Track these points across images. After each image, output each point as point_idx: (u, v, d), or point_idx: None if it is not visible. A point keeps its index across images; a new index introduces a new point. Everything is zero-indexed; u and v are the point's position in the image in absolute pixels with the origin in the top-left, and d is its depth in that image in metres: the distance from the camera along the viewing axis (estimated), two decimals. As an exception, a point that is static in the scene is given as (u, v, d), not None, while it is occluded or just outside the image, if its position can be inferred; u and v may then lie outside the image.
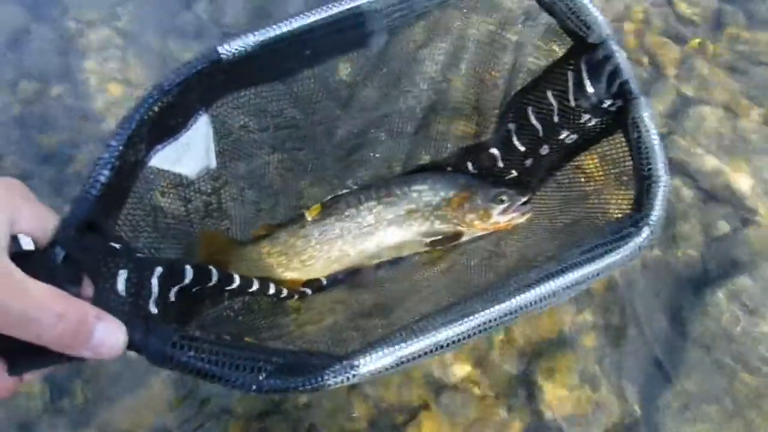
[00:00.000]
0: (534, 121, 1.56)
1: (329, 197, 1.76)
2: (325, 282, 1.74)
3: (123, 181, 1.01)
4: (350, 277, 1.74)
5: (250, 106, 1.31)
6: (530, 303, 1.02)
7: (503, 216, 1.66)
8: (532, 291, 1.02)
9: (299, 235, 1.70)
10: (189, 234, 1.40)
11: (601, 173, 1.43)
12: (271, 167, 1.56)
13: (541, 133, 1.54)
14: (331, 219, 1.71)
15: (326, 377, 0.91)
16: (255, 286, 1.44)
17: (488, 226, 1.68)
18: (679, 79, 2.36)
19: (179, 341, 0.86)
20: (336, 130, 1.55)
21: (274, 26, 1.10)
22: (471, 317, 0.99)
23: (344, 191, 1.78)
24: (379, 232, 1.70)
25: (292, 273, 1.68)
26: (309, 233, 1.70)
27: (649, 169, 1.18)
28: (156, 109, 1.00)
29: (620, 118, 1.28)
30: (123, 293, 0.88)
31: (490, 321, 0.99)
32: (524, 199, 1.65)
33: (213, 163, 1.32)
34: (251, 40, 1.09)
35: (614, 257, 1.10)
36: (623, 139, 1.31)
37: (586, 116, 1.36)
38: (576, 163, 1.51)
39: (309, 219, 1.71)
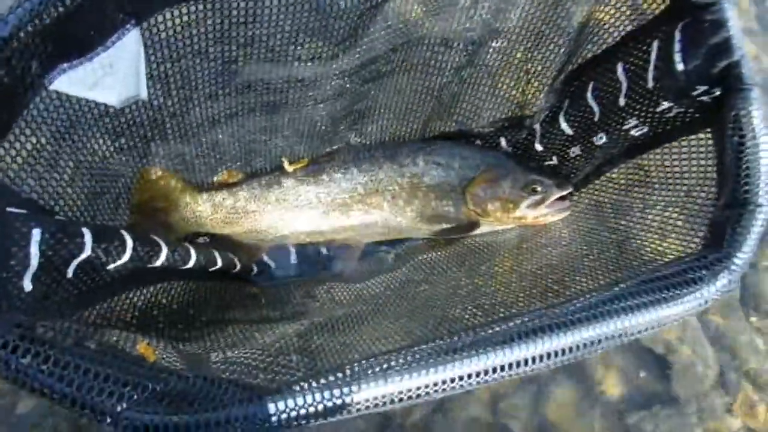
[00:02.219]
0: (591, 101, 1.20)
1: (323, 153, 1.44)
2: (294, 257, 1.44)
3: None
4: (329, 257, 1.44)
5: (208, 26, 0.99)
6: (529, 359, 0.71)
7: (532, 210, 1.32)
8: (539, 342, 0.71)
9: (272, 190, 1.38)
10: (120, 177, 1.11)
11: (670, 182, 1.08)
12: (243, 107, 1.23)
13: (597, 117, 1.20)
14: (317, 177, 1.39)
15: (220, 421, 0.63)
16: (195, 258, 1.14)
17: (511, 219, 1.35)
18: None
19: (17, 340, 0.62)
20: (335, 66, 1.21)
21: None
22: (453, 363, 0.69)
23: (340, 146, 1.46)
24: (373, 204, 1.39)
25: (254, 235, 1.39)
26: (285, 190, 1.38)
27: (746, 192, 0.84)
28: (52, 13, 0.73)
29: (715, 113, 0.93)
30: None
31: (470, 375, 0.69)
32: (563, 193, 1.31)
33: (143, 93, 1.01)
34: None
35: (671, 308, 0.78)
36: (711, 142, 0.96)
37: (667, 104, 1.01)
38: (640, 163, 1.15)
39: (289, 170, 1.40)
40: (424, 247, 1.45)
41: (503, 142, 1.45)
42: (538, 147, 1.39)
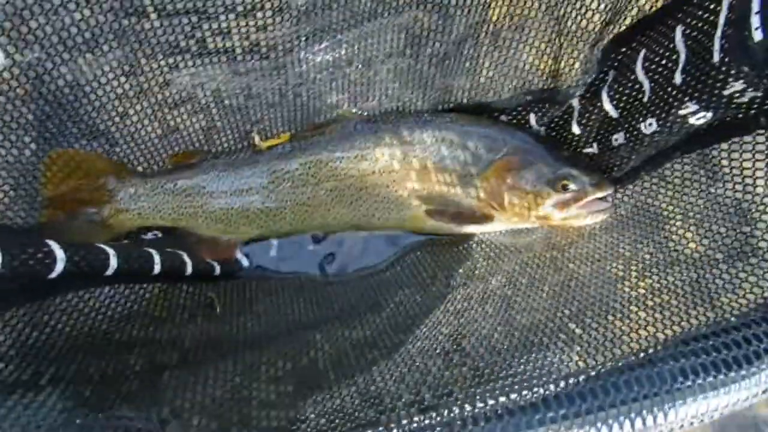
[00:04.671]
0: (641, 75, 0.93)
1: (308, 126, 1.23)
2: (274, 249, 1.24)
3: None
4: (319, 252, 1.24)
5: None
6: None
7: (560, 210, 1.07)
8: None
9: (241, 171, 1.18)
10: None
11: (740, 187, 0.81)
12: (199, 65, 1.02)
13: (647, 97, 0.92)
14: (298, 155, 1.17)
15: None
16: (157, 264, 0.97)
17: (534, 218, 1.11)
18: None
19: None
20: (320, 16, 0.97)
21: None
22: None
23: (332, 116, 1.23)
24: (368, 188, 1.17)
25: (219, 227, 1.20)
26: (257, 171, 1.17)
27: None
28: None
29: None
30: None
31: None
32: (601, 194, 1.05)
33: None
34: None
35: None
36: None
37: (738, 85, 0.73)
38: (703, 157, 0.88)
39: (263, 147, 1.19)
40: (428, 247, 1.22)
41: (533, 119, 1.19)
42: (576, 129, 1.12)
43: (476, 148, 1.14)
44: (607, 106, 1.02)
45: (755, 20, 0.66)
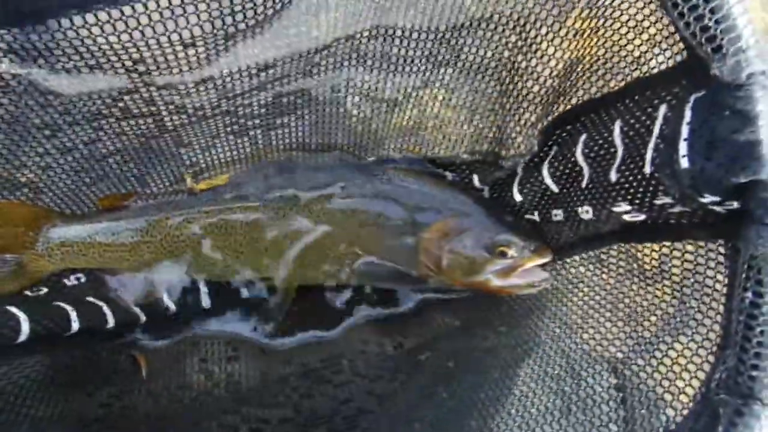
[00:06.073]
0: (580, 158, 0.90)
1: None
2: (207, 299, 1.20)
3: None
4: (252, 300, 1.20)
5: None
6: None
7: (501, 279, 1.05)
8: None
9: (172, 214, 1.11)
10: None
11: (668, 291, 0.80)
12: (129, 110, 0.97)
13: (585, 182, 0.90)
14: (232, 201, 1.12)
15: None
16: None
17: (472, 284, 1.09)
18: None
19: None
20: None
21: None
22: None
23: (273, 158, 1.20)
24: (300, 240, 1.12)
25: (146, 270, 1.14)
26: (187, 212, 1.12)
27: (751, 380, 0.57)
28: None
29: (729, 231, 0.65)
30: None
31: None
32: (540, 261, 1.03)
33: None
34: None
35: None
36: (724, 261, 0.69)
37: (668, 199, 0.72)
38: (636, 254, 0.87)
39: (196, 189, 1.15)
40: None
41: (476, 179, 1.16)
42: (517, 196, 1.09)
43: (416, 206, 1.11)
44: (548, 180, 1.00)
45: (683, 147, 0.64)
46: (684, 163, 0.64)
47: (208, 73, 0.90)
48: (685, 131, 0.64)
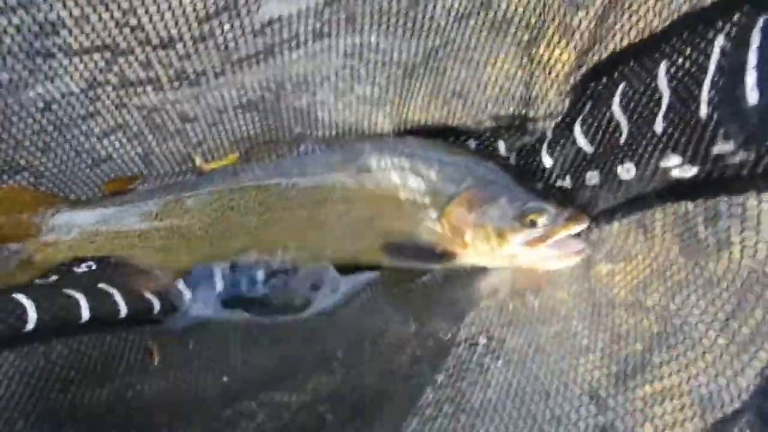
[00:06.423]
0: (618, 112, 0.81)
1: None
2: (220, 286, 1.11)
3: None
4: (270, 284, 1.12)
5: None
6: None
7: (529, 249, 0.96)
8: None
9: (181, 196, 1.05)
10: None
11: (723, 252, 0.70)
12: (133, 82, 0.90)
13: (623, 138, 0.81)
14: (245, 180, 1.05)
15: None
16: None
17: (500, 257, 1.00)
18: None
19: None
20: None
21: None
22: None
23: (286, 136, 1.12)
24: (319, 218, 1.05)
25: (157, 258, 1.07)
26: (198, 194, 1.05)
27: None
28: None
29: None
30: None
31: None
32: (575, 229, 0.93)
33: None
34: None
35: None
36: None
37: (728, 145, 0.62)
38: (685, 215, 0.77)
39: (206, 169, 1.09)
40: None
41: (502, 146, 1.07)
42: (547, 161, 1.00)
43: (438, 178, 1.03)
44: (581, 140, 0.91)
45: (750, 78, 0.54)
46: (752, 97, 0.55)
47: (207, 28, 0.82)
48: (753, 59, 0.54)
